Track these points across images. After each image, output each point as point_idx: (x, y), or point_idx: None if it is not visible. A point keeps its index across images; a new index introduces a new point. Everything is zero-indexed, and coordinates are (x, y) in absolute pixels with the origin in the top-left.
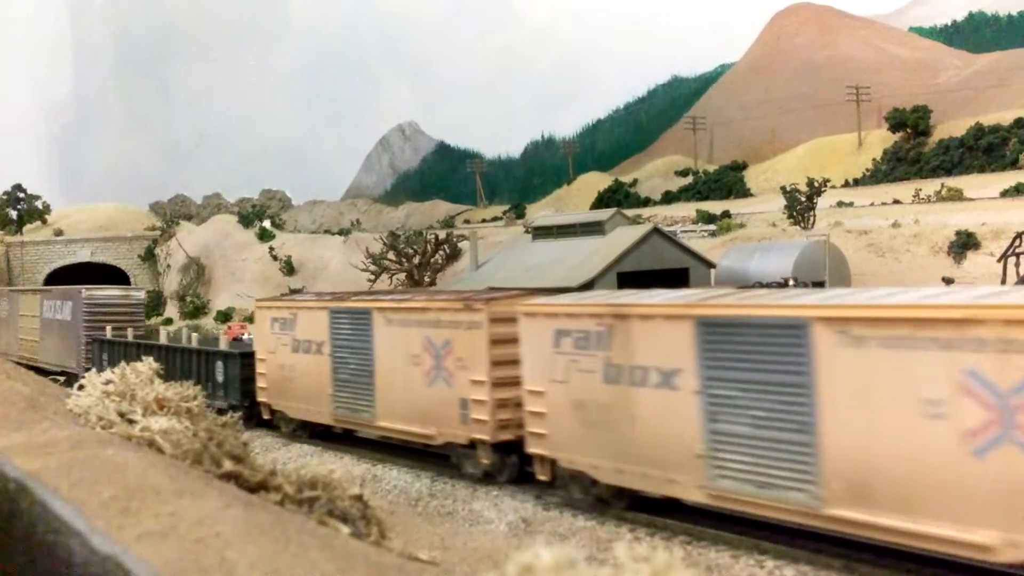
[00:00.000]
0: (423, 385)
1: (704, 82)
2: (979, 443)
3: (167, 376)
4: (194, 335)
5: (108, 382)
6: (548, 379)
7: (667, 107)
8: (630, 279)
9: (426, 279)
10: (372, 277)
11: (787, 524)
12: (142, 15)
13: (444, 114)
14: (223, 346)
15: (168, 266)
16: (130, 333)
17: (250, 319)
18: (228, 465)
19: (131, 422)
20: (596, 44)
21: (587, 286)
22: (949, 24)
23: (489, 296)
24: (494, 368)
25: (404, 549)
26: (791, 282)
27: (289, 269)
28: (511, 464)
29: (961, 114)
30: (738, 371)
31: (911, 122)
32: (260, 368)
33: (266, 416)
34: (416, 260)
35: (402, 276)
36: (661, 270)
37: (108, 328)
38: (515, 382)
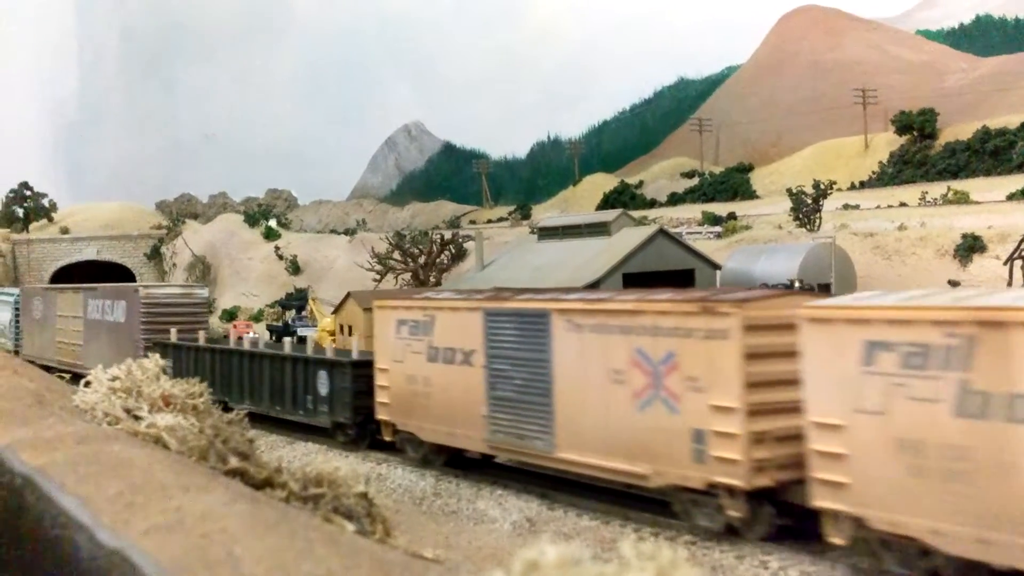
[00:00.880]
0: (630, 409)
1: (710, 84)
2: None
3: (251, 390)
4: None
5: (114, 378)
6: (851, 408)
7: (673, 109)
8: (636, 280)
9: (431, 279)
10: (377, 277)
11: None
12: (147, 14)
13: (450, 114)
14: (330, 353)
15: (174, 265)
16: (202, 336)
17: (256, 318)
18: (234, 462)
19: (137, 418)
20: (602, 45)
21: (593, 287)
22: (956, 27)
23: (740, 296)
24: (749, 391)
25: (409, 547)
26: (796, 284)
27: (294, 268)
28: (767, 516)
29: (968, 117)
30: None
31: (917, 125)
32: (381, 380)
33: (387, 437)
34: (421, 260)
35: (407, 276)
36: (666, 271)
37: (173, 331)
38: (780, 410)
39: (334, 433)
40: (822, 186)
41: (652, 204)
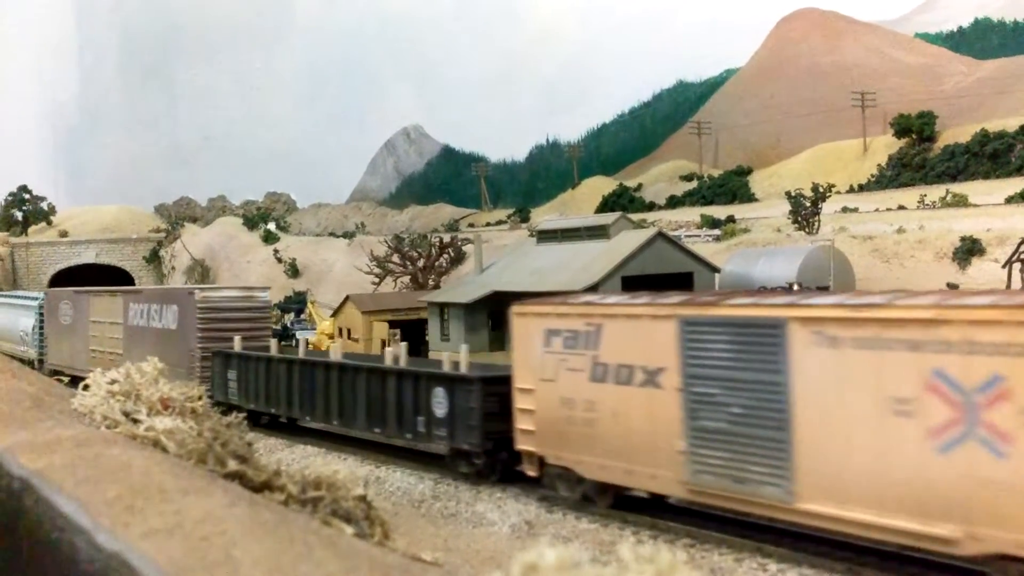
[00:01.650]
0: (925, 451)
1: (709, 87)
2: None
3: (340, 409)
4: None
5: (113, 382)
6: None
7: (672, 112)
8: (634, 283)
9: (430, 282)
10: (376, 280)
11: None
12: (147, 17)
13: (449, 117)
14: (447, 367)
15: (173, 268)
16: (273, 346)
17: None
18: (232, 465)
19: (136, 422)
20: (601, 48)
21: (592, 290)
22: (955, 30)
23: None
24: None
25: (408, 550)
26: (796, 287)
27: (293, 271)
28: None
29: (966, 120)
30: None
31: (916, 128)
32: (523, 402)
33: (530, 471)
34: (420, 263)
35: (406, 279)
36: (666, 274)
37: (237, 339)
38: None
39: (453, 462)
40: (821, 189)
41: (651, 207)
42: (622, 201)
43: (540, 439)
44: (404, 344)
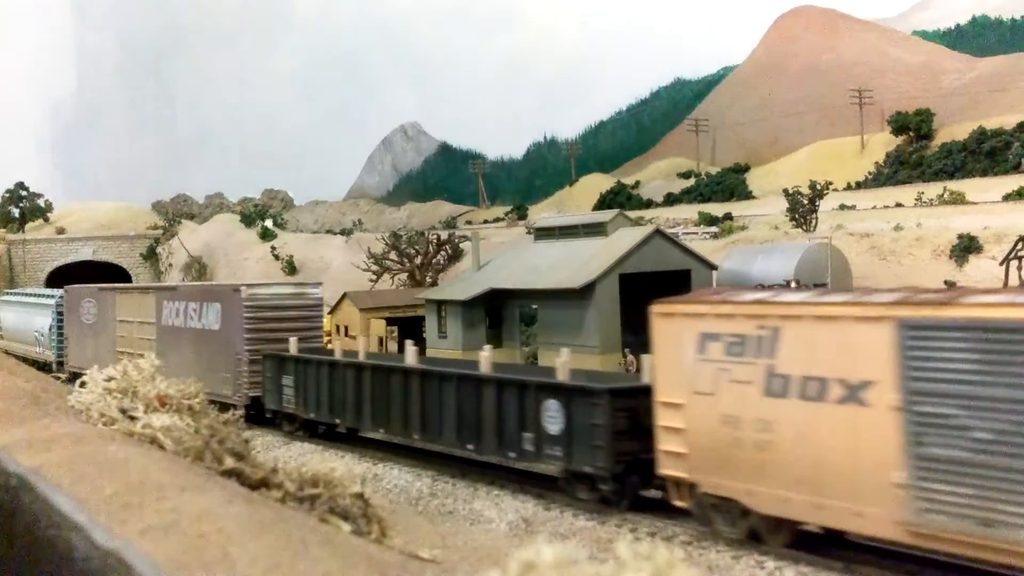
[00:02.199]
0: None
1: (707, 84)
2: None
3: (422, 422)
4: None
5: (110, 379)
6: None
7: (670, 109)
8: (632, 281)
9: (428, 280)
10: (374, 278)
11: None
12: (145, 15)
13: (447, 115)
14: (562, 375)
15: (170, 265)
16: (337, 348)
17: None
18: (230, 462)
19: (133, 419)
20: (599, 46)
21: (589, 287)
22: (952, 28)
23: None
24: None
25: (405, 547)
26: (793, 284)
27: (291, 269)
28: None
29: (964, 118)
30: None
31: (914, 125)
32: (668, 419)
33: (678, 501)
34: (418, 260)
35: (404, 276)
36: (663, 272)
37: (293, 340)
38: None
39: (569, 487)
40: (818, 186)
41: (648, 204)
42: (620, 198)
43: (693, 463)
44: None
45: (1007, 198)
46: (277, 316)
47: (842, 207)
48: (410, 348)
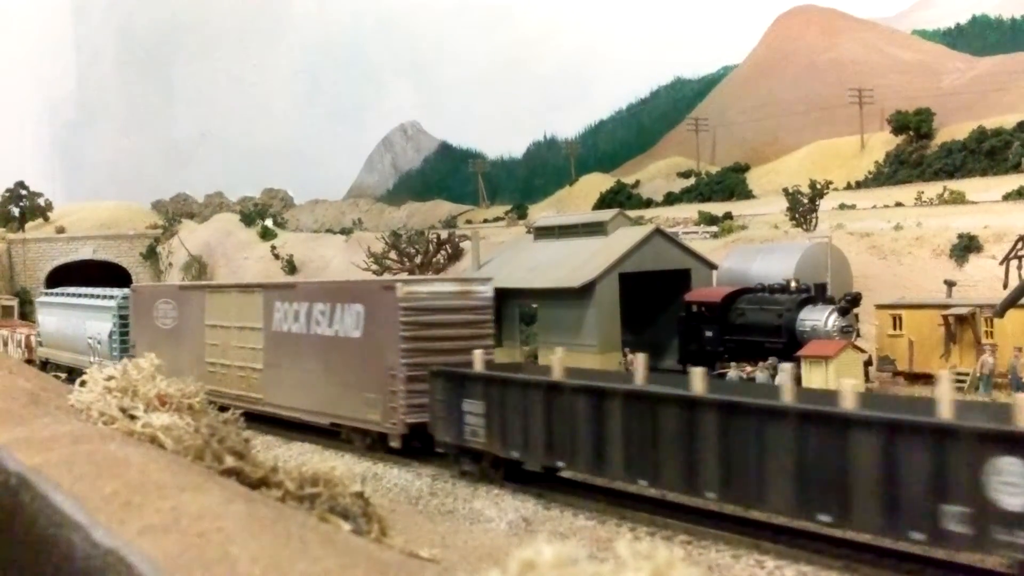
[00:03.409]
0: None
1: (707, 83)
2: None
3: (725, 475)
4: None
5: (110, 378)
6: None
7: (670, 108)
8: (632, 280)
9: None
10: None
11: None
12: (145, 13)
13: (446, 114)
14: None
15: (170, 264)
16: (556, 365)
17: None
18: (230, 461)
19: (133, 418)
20: (599, 45)
21: (589, 287)
22: (952, 27)
23: None
24: None
25: (405, 547)
26: (793, 284)
27: (291, 268)
28: None
29: (964, 117)
30: None
31: (914, 125)
32: None
33: None
34: (418, 260)
35: (403, 276)
36: (663, 271)
37: (478, 354)
38: None
39: None
40: (818, 186)
41: (648, 204)
42: (619, 198)
43: None
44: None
45: (1007, 197)
46: (439, 321)
47: (842, 206)
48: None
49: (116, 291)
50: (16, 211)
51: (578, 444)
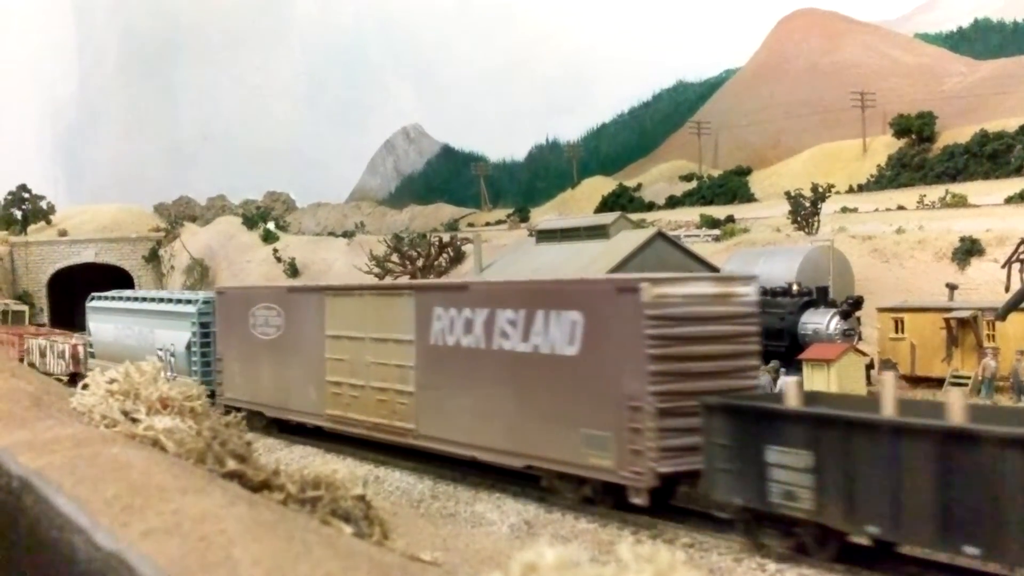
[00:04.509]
0: None
1: (709, 87)
2: None
3: None
4: None
5: (112, 381)
6: None
7: (672, 112)
8: None
9: None
10: (376, 280)
11: None
12: (147, 16)
13: (449, 117)
14: None
15: (172, 267)
16: (954, 404)
17: None
18: (231, 464)
19: (135, 421)
20: (601, 48)
21: None
22: (955, 30)
23: None
24: None
25: (406, 550)
26: (795, 287)
27: (293, 271)
28: None
29: (966, 120)
30: None
31: (916, 128)
32: None
33: None
34: (420, 263)
35: (406, 279)
36: None
37: (791, 382)
38: None
39: None
40: (820, 189)
41: (650, 207)
42: (621, 201)
43: None
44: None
45: (1009, 201)
46: (695, 334)
47: (844, 210)
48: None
49: (196, 294)
50: (18, 214)
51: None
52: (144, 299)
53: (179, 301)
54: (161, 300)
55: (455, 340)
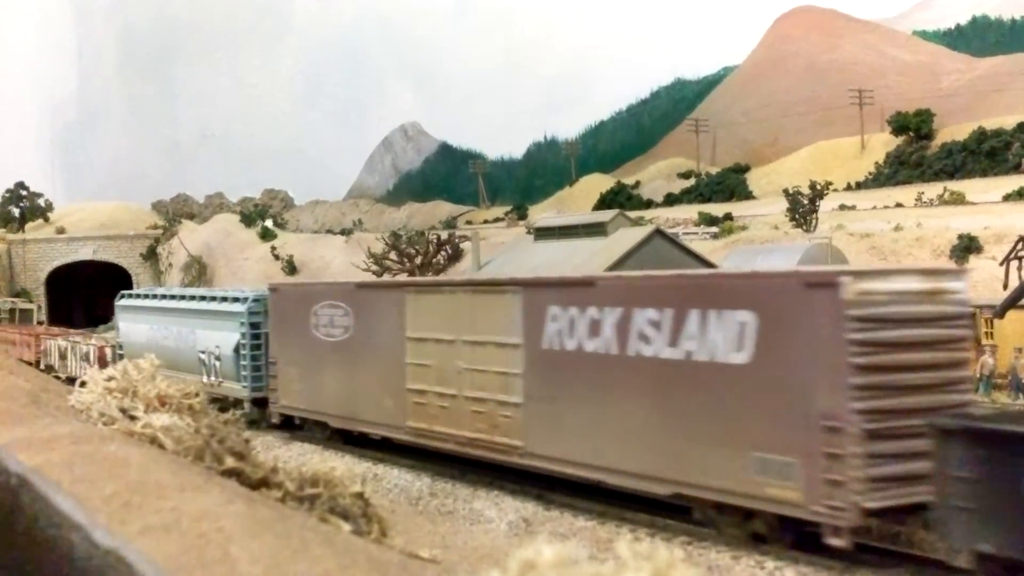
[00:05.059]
0: None
1: (707, 84)
2: None
3: None
4: None
5: (110, 379)
6: None
7: (670, 109)
8: None
9: None
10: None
11: None
12: (146, 14)
13: (447, 115)
14: None
15: (170, 265)
16: None
17: None
18: (230, 462)
19: (133, 418)
20: (599, 45)
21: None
22: (952, 28)
23: None
24: None
25: (405, 547)
26: None
27: (291, 269)
28: None
29: (964, 118)
30: None
31: (914, 126)
32: None
33: None
34: (418, 260)
35: (404, 276)
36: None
37: None
38: None
39: None
40: (818, 187)
41: (649, 204)
42: (620, 198)
43: None
44: None
45: (1007, 198)
46: (904, 339)
47: (842, 207)
48: None
49: (245, 291)
50: (16, 212)
51: None
52: (184, 297)
53: (226, 299)
54: (204, 298)
55: (576, 344)
